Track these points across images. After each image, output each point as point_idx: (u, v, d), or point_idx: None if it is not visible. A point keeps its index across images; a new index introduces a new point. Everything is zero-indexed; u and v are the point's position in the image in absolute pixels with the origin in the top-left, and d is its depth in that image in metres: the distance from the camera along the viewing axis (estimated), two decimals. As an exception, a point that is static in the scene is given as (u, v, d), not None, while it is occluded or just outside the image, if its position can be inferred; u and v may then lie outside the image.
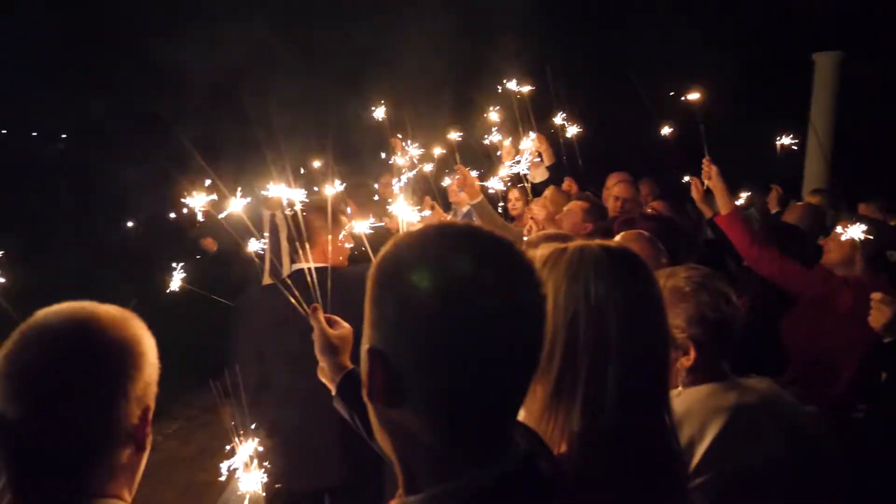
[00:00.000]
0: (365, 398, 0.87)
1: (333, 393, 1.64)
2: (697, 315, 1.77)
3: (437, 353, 0.80)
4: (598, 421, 1.14)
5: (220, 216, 2.04)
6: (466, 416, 0.83)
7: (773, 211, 5.35)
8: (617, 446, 1.15)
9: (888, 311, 2.42)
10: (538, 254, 1.29)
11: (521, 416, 1.16)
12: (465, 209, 5.49)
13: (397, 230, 2.43)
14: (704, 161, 3.50)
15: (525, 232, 4.11)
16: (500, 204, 5.29)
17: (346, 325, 1.72)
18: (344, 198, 5.52)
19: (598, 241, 1.28)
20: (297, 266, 2.83)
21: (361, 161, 5.80)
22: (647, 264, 1.26)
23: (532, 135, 5.02)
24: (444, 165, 5.33)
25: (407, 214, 2.06)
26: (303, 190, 2.30)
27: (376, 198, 6.05)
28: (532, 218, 4.02)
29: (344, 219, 2.85)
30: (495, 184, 4.85)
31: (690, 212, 6.85)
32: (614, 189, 5.05)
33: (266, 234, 5.45)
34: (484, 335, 0.80)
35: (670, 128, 4.23)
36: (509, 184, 5.24)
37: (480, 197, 4.29)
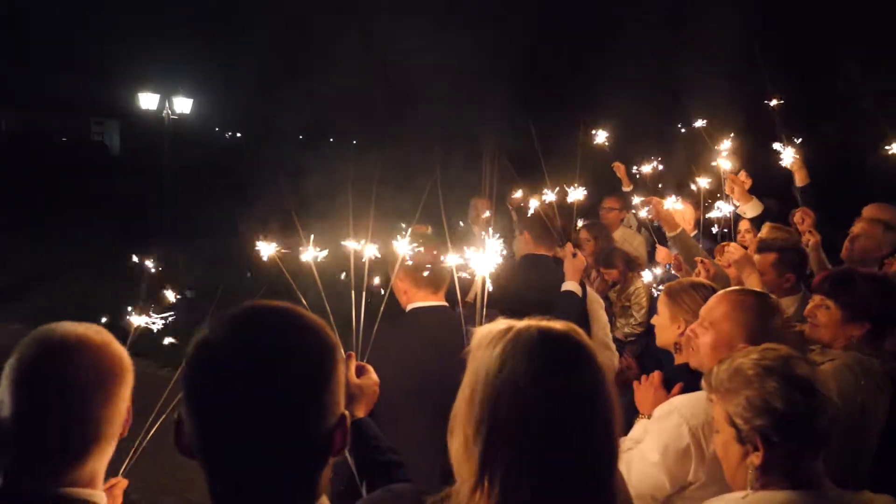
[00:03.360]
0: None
1: None
2: (761, 404, 1.46)
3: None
4: None
5: None
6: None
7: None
8: None
9: None
10: (489, 329, 1.22)
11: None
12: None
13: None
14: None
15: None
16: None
17: (374, 376, 1.74)
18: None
19: (538, 324, 1.20)
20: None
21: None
22: (589, 352, 1.17)
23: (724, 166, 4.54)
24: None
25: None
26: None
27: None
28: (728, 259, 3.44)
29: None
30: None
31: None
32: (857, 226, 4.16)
33: None
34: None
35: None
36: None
37: (679, 229, 4.08)
